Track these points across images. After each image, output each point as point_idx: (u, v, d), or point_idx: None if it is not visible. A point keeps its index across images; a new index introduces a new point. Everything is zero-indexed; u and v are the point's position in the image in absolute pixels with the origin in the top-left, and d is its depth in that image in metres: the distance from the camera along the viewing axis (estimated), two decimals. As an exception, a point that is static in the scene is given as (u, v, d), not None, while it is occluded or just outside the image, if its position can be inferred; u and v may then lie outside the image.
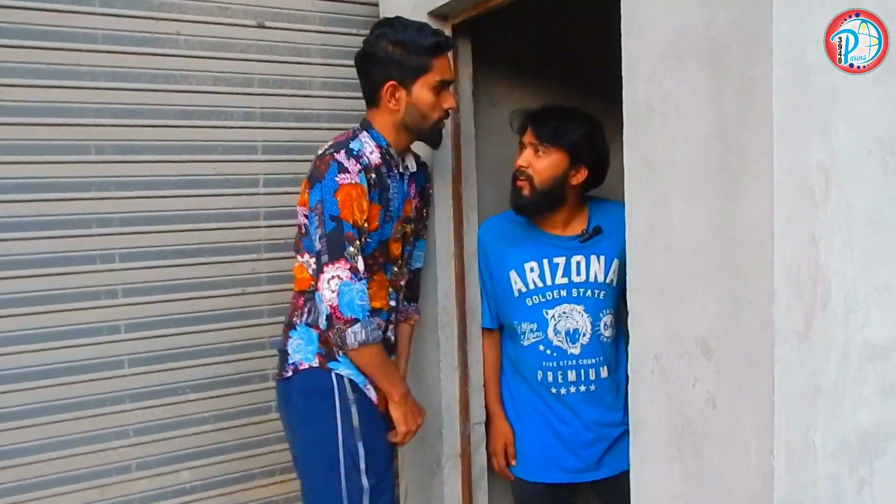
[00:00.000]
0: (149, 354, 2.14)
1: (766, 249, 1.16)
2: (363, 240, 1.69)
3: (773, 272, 1.16)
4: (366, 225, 1.68)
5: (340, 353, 1.70)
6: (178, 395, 2.19)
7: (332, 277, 1.60)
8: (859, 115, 1.21)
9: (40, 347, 2.00)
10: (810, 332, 1.20)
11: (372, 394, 1.78)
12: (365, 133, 1.78)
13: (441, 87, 1.78)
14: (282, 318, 2.27)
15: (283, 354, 1.80)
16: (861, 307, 1.25)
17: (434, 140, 1.87)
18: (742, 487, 1.25)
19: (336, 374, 1.71)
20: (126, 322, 2.10)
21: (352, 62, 1.83)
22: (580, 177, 1.94)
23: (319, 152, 1.74)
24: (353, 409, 1.71)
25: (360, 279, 1.63)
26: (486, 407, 2.16)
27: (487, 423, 2.17)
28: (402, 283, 1.95)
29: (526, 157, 1.91)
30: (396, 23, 1.79)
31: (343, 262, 1.60)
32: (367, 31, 1.85)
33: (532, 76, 2.43)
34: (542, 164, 1.89)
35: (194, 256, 2.18)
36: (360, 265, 1.63)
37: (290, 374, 1.75)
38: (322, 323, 1.65)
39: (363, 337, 1.63)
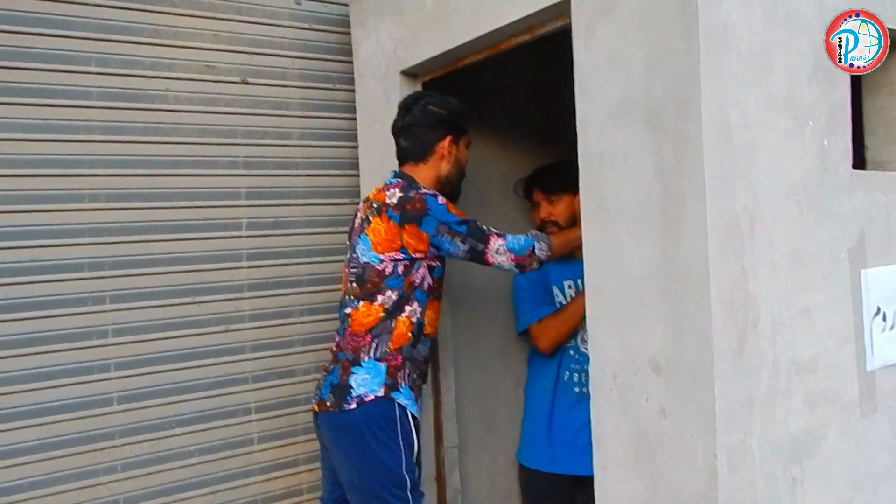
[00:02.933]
0: (137, 391, 2.22)
1: (703, 279, 1.32)
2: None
3: (710, 299, 1.31)
4: None
5: (402, 384, 1.89)
6: (165, 430, 2.26)
7: (497, 249, 1.86)
8: (777, 165, 1.41)
9: (34, 387, 2.07)
10: (744, 351, 1.36)
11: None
12: (414, 184, 1.94)
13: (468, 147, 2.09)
14: (262, 354, 2.41)
15: (345, 388, 1.88)
16: (786, 328, 1.43)
17: (459, 192, 2.11)
18: (691, 489, 1.38)
19: (398, 403, 1.86)
20: (115, 361, 2.18)
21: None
22: None
23: (395, 200, 1.86)
24: (412, 435, 1.88)
25: (506, 234, 1.89)
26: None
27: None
28: None
29: (546, 209, 2.28)
30: (433, 94, 2.05)
31: (492, 237, 1.87)
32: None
33: (495, 126, 2.60)
34: (559, 209, 2.27)
35: (181, 297, 2.29)
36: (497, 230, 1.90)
37: (353, 405, 1.85)
38: (517, 272, 1.93)
39: (546, 252, 1.91)
